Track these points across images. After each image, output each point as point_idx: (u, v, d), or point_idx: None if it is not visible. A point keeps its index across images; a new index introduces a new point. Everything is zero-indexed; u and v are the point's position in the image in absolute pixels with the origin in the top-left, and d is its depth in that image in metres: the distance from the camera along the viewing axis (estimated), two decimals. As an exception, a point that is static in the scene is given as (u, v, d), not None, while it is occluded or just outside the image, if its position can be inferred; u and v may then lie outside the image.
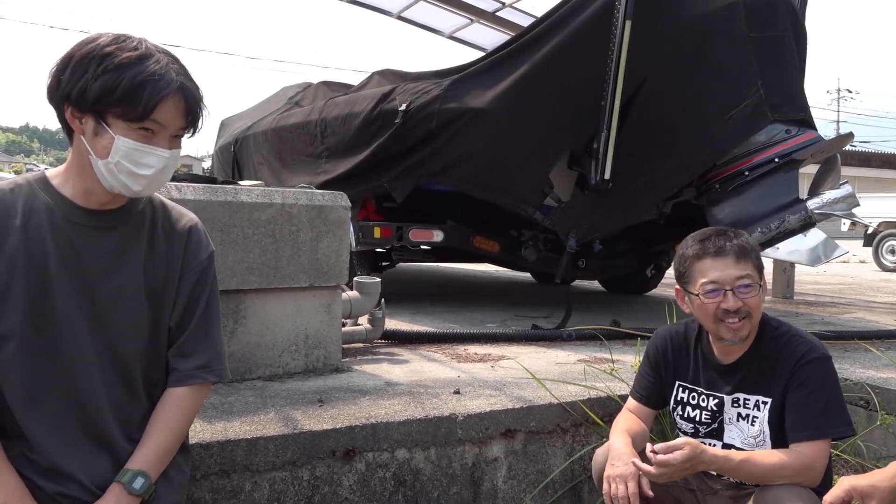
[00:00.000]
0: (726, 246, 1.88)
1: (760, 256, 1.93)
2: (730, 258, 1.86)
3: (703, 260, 1.90)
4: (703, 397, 2.05)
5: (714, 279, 1.86)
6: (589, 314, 4.52)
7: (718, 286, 1.86)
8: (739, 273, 1.85)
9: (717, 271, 1.87)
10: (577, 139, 3.88)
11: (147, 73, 1.30)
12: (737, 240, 1.91)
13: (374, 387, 2.52)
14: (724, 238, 1.92)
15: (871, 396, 2.76)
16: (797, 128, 3.82)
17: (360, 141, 4.41)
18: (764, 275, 1.93)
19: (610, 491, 1.88)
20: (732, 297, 1.85)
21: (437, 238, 4.39)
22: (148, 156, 1.35)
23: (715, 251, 1.88)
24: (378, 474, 2.11)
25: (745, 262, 1.86)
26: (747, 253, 1.88)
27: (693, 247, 1.94)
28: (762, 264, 1.93)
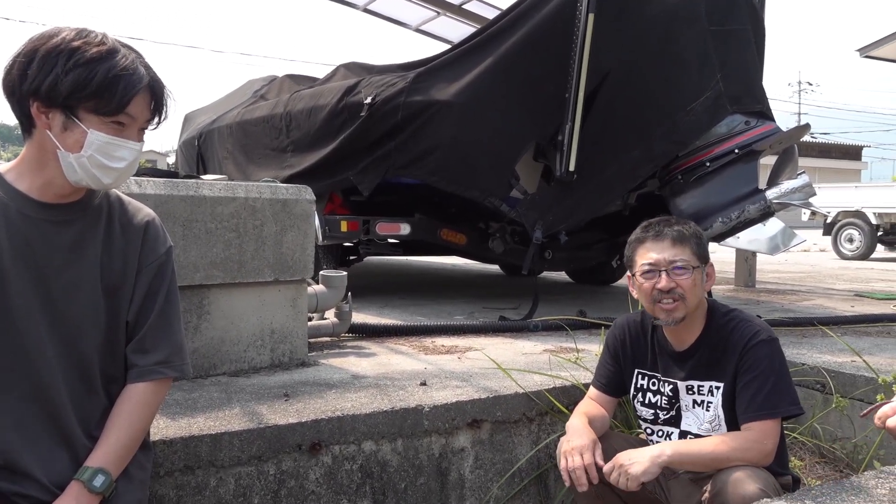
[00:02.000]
0: (664, 231, 1.97)
1: (703, 244, 2.00)
2: (666, 242, 1.96)
3: (643, 244, 2.00)
4: (662, 383, 2.09)
5: (650, 260, 1.96)
6: (556, 305, 4.57)
7: (654, 267, 1.95)
8: (674, 256, 1.94)
9: (654, 253, 1.96)
10: (543, 131, 3.91)
11: (119, 67, 1.32)
12: (677, 226, 2.00)
13: (340, 380, 2.52)
14: (664, 224, 2.01)
15: (826, 380, 2.83)
16: (756, 119, 3.90)
17: (326, 134, 4.38)
18: (708, 263, 2.01)
19: (567, 465, 1.91)
20: (666, 277, 1.93)
21: (404, 231, 4.39)
22: (121, 149, 1.36)
23: (654, 235, 1.98)
24: (345, 467, 2.12)
25: (682, 247, 1.94)
26: (685, 238, 1.96)
27: (637, 233, 2.05)
28: (704, 252, 1.99)
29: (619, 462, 1.86)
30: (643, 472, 1.83)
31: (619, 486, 1.86)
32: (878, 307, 4.95)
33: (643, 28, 3.90)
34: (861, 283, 6.93)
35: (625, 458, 1.86)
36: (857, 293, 5.96)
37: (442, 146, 3.85)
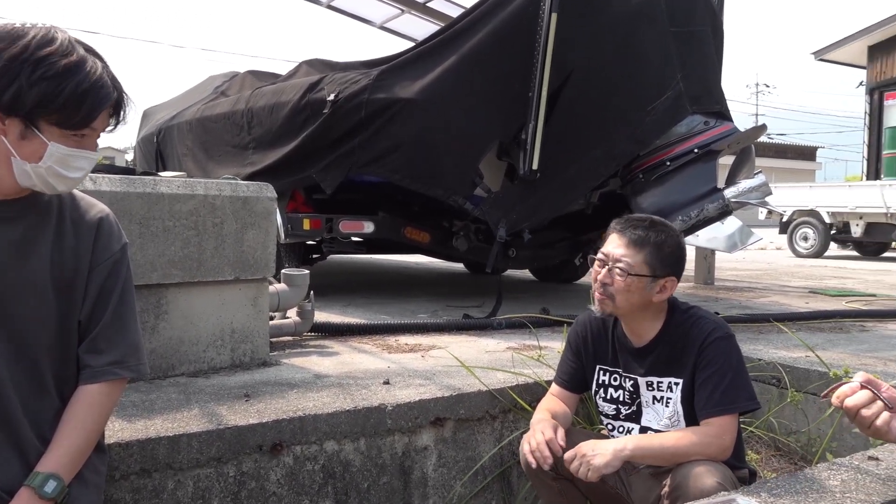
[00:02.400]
0: (629, 230, 1.99)
1: (666, 257, 1.95)
2: (625, 240, 1.97)
3: (612, 233, 2.03)
4: (623, 379, 2.12)
5: (604, 251, 2.00)
6: (520, 303, 4.59)
7: (604, 258, 1.99)
8: (623, 256, 1.95)
9: (611, 246, 1.99)
10: (506, 129, 3.92)
11: (88, 82, 1.29)
12: (642, 230, 1.98)
13: (302, 380, 2.49)
14: (636, 224, 2.02)
15: (782, 375, 2.90)
16: (715, 119, 3.98)
17: (288, 131, 4.33)
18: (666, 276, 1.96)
19: (530, 446, 1.92)
20: (607, 272, 1.97)
21: (367, 229, 4.37)
22: (80, 160, 1.34)
23: (620, 229, 2.01)
24: (307, 467, 2.10)
25: (636, 251, 1.95)
26: (644, 244, 1.96)
27: (615, 220, 2.06)
28: (663, 264, 1.95)
29: (581, 451, 1.87)
30: (605, 465, 1.85)
31: (579, 476, 1.87)
32: (831, 304, 5.09)
33: (606, 28, 3.93)
34: (815, 281, 7.12)
35: (588, 449, 1.87)
36: (812, 290, 6.11)
37: (405, 144, 3.84)
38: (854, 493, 1.80)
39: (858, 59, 16.19)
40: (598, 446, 1.89)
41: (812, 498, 1.76)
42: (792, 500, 1.73)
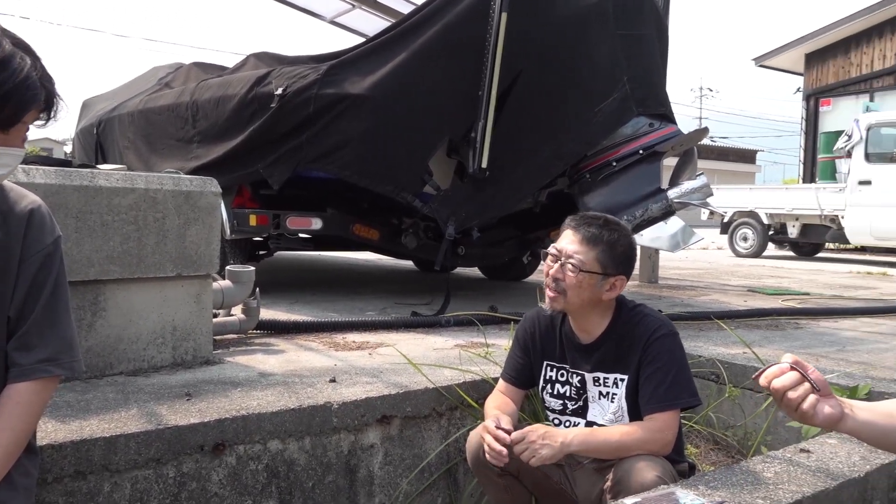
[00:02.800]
0: (583, 227, 2.01)
1: (618, 256, 1.99)
2: (579, 237, 2.00)
3: (566, 229, 2.05)
4: (571, 375, 2.14)
5: (558, 247, 2.02)
6: (468, 300, 4.61)
7: (557, 254, 2.01)
8: (576, 252, 1.98)
9: (565, 242, 2.01)
10: (456, 127, 3.93)
11: (15, 81, 1.22)
12: (595, 229, 2.01)
13: (246, 378, 2.45)
14: (591, 221, 2.04)
15: (720, 371, 2.98)
16: (659, 122, 4.07)
17: (235, 125, 4.25)
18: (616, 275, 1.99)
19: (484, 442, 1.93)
20: (559, 267, 1.99)
21: (315, 226, 4.32)
22: (5, 157, 1.28)
23: (575, 226, 2.03)
24: (250, 467, 2.06)
25: (589, 248, 1.98)
26: (597, 242, 1.99)
27: (570, 217, 2.08)
28: (615, 263, 1.98)
29: (530, 438, 1.88)
30: (551, 456, 1.88)
31: (522, 459, 1.87)
32: (768, 302, 5.26)
33: (555, 29, 3.98)
34: (754, 279, 7.35)
35: (537, 436, 1.89)
36: (750, 289, 6.31)
37: (354, 140, 3.81)
38: (786, 485, 1.87)
39: (796, 65, 16.79)
40: (548, 435, 1.90)
41: (747, 490, 1.81)
42: (728, 493, 1.78)
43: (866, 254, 12.46)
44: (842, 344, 3.56)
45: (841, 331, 4.02)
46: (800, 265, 10.15)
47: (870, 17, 14.78)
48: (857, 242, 10.79)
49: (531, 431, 1.91)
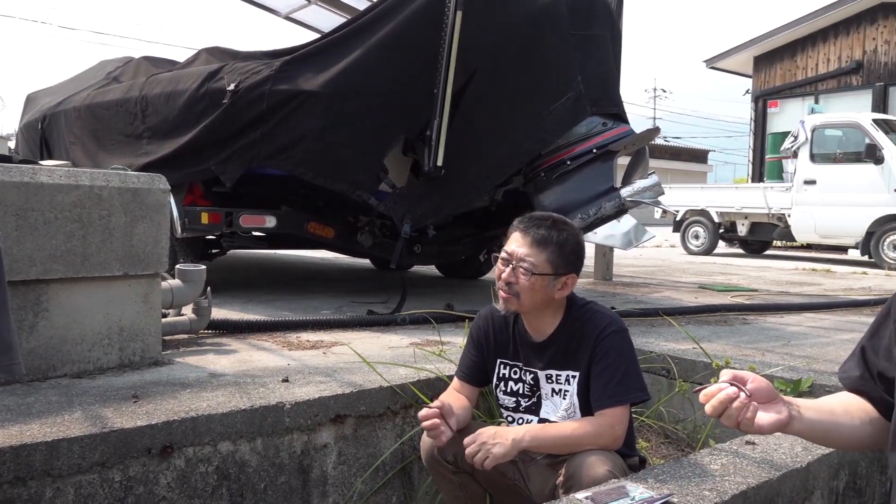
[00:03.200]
0: (531, 229, 2.02)
1: (568, 254, 2.01)
2: (528, 239, 2.00)
3: (514, 232, 2.05)
4: (524, 372, 2.16)
5: (508, 251, 2.02)
6: (425, 299, 4.61)
7: (507, 258, 2.01)
8: (526, 255, 1.98)
9: (514, 245, 2.02)
10: (411, 125, 3.92)
11: None
12: (544, 230, 2.02)
13: (196, 379, 2.40)
14: (538, 222, 2.05)
15: (671, 366, 3.04)
16: (612, 121, 4.12)
17: (185, 121, 4.16)
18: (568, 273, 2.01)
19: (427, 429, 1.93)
20: (511, 271, 1.99)
21: (269, 224, 4.26)
22: None
23: (523, 228, 2.03)
24: (199, 469, 2.02)
25: (539, 250, 1.99)
26: (547, 243, 1.99)
27: (518, 219, 2.08)
28: (566, 262, 2.00)
29: (482, 439, 1.89)
30: (504, 454, 1.88)
31: (476, 463, 1.89)
32: (718, 298, 5.39)
33: (510, 28, 4.00)
34: (704, 276, 7.52)
35: (488, 437, 1.89)
36: (701, 285, 6.45)
37: (309, 137, 3.77)
38: (732, 476, 1.92)
39: (745, 68, 17.22)
40: (498, 434, 1.92)
41: (694, 482, 1.86)
42: (676, 485, 1.82)
43: (811, 251, 12.86)
44: (787, 338, 3.67)
45: (786, 326, 4.14)
46: (749, 262, 10.42)
47: (815, 21, 15.25)
48: (802, 240, 11.12)
49: (481, 433, 1.91)
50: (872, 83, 14.41)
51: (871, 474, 2.33)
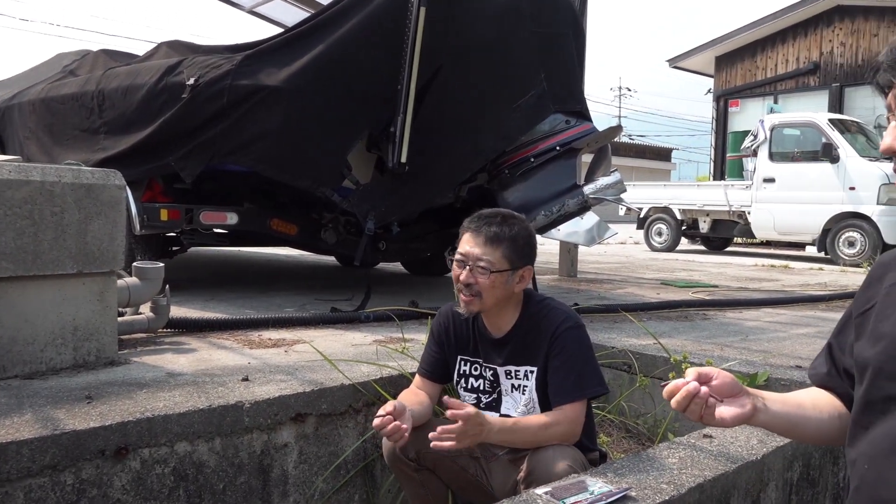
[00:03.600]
0: (483, 228, 2.01)
1: (522, 248, 2.01)
2: (481, 238, 2.00)
3: (465, 233, 2.05)
4: (484, 368, 2.16)
5: (462, 252, 2.02)
6: (390, 296, 4.59)
7: (463, 259, 2.01)
8: (482, 255, 1.99)
9: (468, 246, 2.01)
10: (375, 122, 3.90)
11: None
12: (498, 226, 2.02)
13: (153, 378, 2.36)
14: (489, 220, 2.04)
15: (632, 361, 3.08)
16: (575, 119, 4.15)
17: (144, 116, 4.08)
18: (524, 266, 2.02)
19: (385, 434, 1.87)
20: (468, 272, 1.99)
21: (231, 221, 4.19)
22: None
23: (474, 228, 2.03)
24: (155, 471, 1.99)
25: (493, 248, 1.99)
26: (500, 240, 2.00)
27: (468, 220, 2.07)
28: (521, 256, 2.01)
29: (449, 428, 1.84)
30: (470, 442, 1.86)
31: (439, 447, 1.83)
32: (679, 294, 5.47)
33: (474, 25, 4.00)
34: (667, 273, 7.63)
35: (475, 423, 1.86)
36: (663, 281, 6.55)
37: (270, 133, 3.72)
38: (689, 469, 1.95)
39: (707, 67, 17.51)
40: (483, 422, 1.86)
41: (653, 475, 1.88)
42: (635, 479, 1.84)
43: (771, 248, 13.14)
44: (745, 333, 3.74)
45: (745, 321, 4.22)
46: (710, 259, 10.60)
47: (774, 23, 15.58)
48: (762, 237, 11.35)
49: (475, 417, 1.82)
50: (829, 84, 14.77)
51: (824, 465, 2.39)
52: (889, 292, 1.13)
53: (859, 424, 1.12)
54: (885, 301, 1.13)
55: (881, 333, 1.10)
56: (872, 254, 9.48)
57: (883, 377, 1.07)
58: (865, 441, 1.09)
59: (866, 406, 1.10)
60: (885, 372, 1.07)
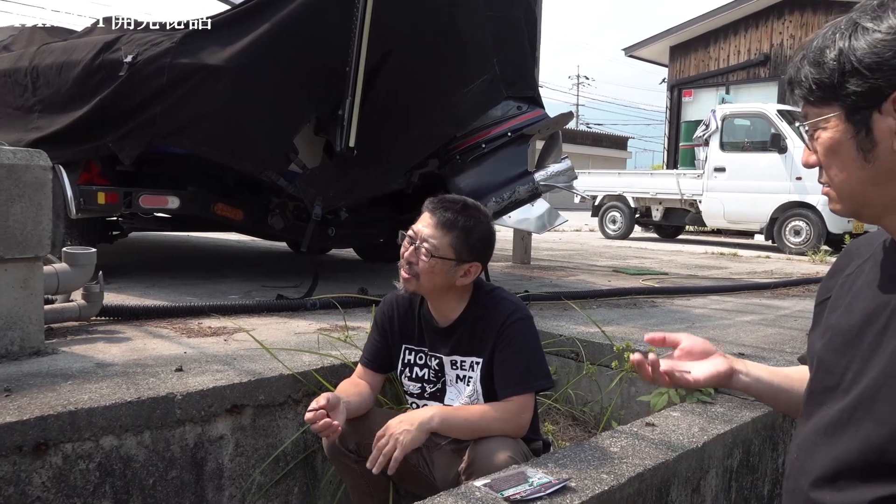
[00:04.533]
0: (439, 211, 1.97)
1: (472, 242, 1.96)
2: (435, 220, 1.96)
3: (424, 212, 2.00)
4: (429, 358, 2.12)
5: (414, 228, 1.98)
6: (340, 283, 4.51)
7: (412, 236, 1.97)
8: (430, 237, 1.94)
9: (421, 224, 1.97)
10: (323, 104, 3.79)
11: None
12: (451, 213, 1.97)
13: (81, 369, 2.25)
14: (447, 205, 1.99)
15: (580, 349, 3.07)
16: (527, 105, 4.11)
17: (80, 94, 3.90)
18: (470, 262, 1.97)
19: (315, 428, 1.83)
20: (413, 250, 1.95)
21: (172, 205, 4.04)
22: None
23: (432, 209, 1.98)
24: (79, 466, 1.89)
25: (443, 233, 1.94)
26: (452, 227, 1.95)
27: (430, 199, 2.02)
28: (470, 250, 1.96)
29: (390, 430, 1.84)
30: (413, 440, 1.83)
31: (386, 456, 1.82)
32: (630, 282, 5.52)
33: (425, 8, 3.92)
34: (619, 260, 7.70)
35: (395, 426, 1.85)
36: (615, 269, 6.60)
37: (212, 114, 3.59)
38: (630, 459, 1.94)
39: (662, 57, 17.73)
40: (404, 421, 1.86)
41: (593, 465, 1.86)
42: (575, 469, 1.82)
43: (721, 236, 13.41)
44: (692, 321, 3.78)
45: (692, 308, 4.27)
46: (662, 246, 10.76)
47: (727, 14, 15.83)
48: (712, 225, 11.56)
49: (389, 425, 1.86)
50: (779, 75, 15.10)
51: (764, 451, 2.42)
52: (844, 283, 1.12)
53: (803, 414, 1.12)
54: (838, 292, 1.12)
55: (829, 325, 1.09)
56: (817, 242, 9.74)
57: (823, 369, 1.07)
58: (801, 431, 1.10)
59: (809, 397, 1.10)
60: (825, 363, 1.07)
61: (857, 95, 0.93)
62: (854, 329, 1.03)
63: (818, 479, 1.00)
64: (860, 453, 0.95)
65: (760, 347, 3.08)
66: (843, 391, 1.01)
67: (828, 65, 0.94)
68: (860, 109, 0.93)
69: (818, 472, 1.01)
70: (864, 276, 1.07)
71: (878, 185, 0.96)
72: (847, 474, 0.97)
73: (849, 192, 0.99)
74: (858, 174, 0.97)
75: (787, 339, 3.31)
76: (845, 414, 0.99)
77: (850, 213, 1.03)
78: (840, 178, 0.99)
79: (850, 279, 1.10)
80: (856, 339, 1.02)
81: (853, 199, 1.00)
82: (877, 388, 0.96)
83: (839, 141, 0.97)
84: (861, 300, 1.04)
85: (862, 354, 1.00)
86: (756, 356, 2.86)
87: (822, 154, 0.99)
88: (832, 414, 1.02)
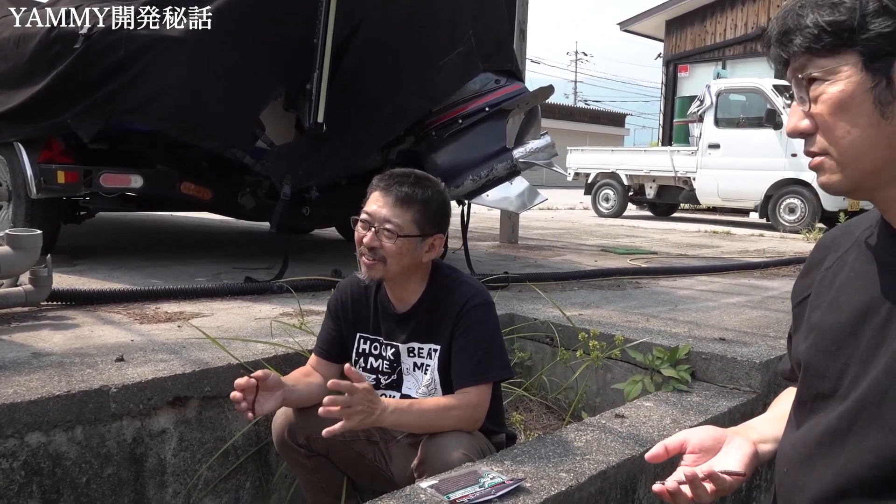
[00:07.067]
0: (393, 187, 1.82)
1: (434, 213, 1.84)
2: (391, 199, 1.81)
3: (374, 192, 1.85)
4: (384, 347, 1.99)
5: (368, 212, 1.82)
6: (316, 264, 4.37)
7: (368, 220, 1.82)
8: (390, 216, 1.80)
9: (375, 206, 1.82)
10: (290, 78, 3.62)
11: None
12: (410, 187, 1.83)
13: (14, 360, 2.11)
14: (400, 179, 1.85)
15: (554, 334, 2.94)
16: (505, 79, 3.95)
17: (37, 68, 3.73)
18: (435, 234, 1.84)
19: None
20: (373, 235, 1.80)
21: (135, 184, 3.88)
22: None
23: (383, 187, 1.83)
24: (2, 466, 1.76)
25: (404, 210, 1.80)
26: (411, 202, 1.81)
27: (377, 177, 1.88)
28: (433, 222, 1.83)
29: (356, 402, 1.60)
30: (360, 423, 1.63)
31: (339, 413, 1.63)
32: (617, 261, 5.38)
33: None
34: (610, 239, 7.56)
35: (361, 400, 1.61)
36: (604, 248, 6.46)
37: (173, 88, 3.41)
38: (594, 455, 1.82)
39: (657, 32, 17.43)
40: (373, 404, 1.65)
41: (553, 462, 1.74)
42: (533, 466, 1.71)
43: (715, 213, 13.26)
44: (675, 303, 3.65)
45: (677, 289, 4.13)
46: (655, 224, 10.61)
47: (724, -13, 15.54)
48: (706, 203, 11.41)
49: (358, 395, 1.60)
50: (776, 50, 14.82)
51: (741, 442, 2.29)
52: (823, 277, 0.99)
53: (791, 422, 1.01)
54: (818, 288, 0.99)
55: (812, 324, 0.97)
56: (812, 220, 9.59)
57: (811, 373, 0.95)
58: (790, 441, 0.99)
59: (798, 404, 0.99)
60: (812, 367, 0.95)
61: (882, 38, 0.79)
62: (846, 327, 0.90)
63: (819, 497, 0.89)
64: (871, 467, 0.83)
65: (743, 332, 2.95)
66: (841, 396, 0.89)
67: (845, 4, 0.80)
68: (883, 56, 0.79)
69: (818, 489, 0.89)
70: (847, 268, 0.95)
71: (892, 149, 0.82)
72: (856, 492, 0.85)
73: (855, 156, 0.84)
74: (871, 133, 0.82)
75: (772, 323, 3.18)
76: (845, 421, 0.87)
77: (850, 183, 0.87)
78: (848, 138, 0.83)
79: (831, 273, 0.98)
80: (849, 338, 0.90)
81: (858, 164, 0.84)
82: (882, 390, 0.84)
83: (851, 94, 0.82)
84: (849, 294, 0.92)
85: (860, 354, 0.88)
86: (738, 340, 2.74)
87: (826, 112, 0.84)
88: (829, 422, 0.90)
